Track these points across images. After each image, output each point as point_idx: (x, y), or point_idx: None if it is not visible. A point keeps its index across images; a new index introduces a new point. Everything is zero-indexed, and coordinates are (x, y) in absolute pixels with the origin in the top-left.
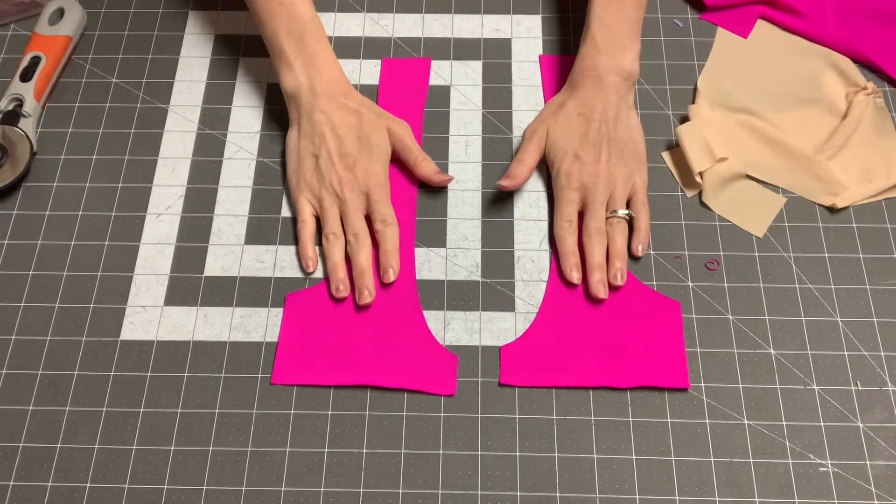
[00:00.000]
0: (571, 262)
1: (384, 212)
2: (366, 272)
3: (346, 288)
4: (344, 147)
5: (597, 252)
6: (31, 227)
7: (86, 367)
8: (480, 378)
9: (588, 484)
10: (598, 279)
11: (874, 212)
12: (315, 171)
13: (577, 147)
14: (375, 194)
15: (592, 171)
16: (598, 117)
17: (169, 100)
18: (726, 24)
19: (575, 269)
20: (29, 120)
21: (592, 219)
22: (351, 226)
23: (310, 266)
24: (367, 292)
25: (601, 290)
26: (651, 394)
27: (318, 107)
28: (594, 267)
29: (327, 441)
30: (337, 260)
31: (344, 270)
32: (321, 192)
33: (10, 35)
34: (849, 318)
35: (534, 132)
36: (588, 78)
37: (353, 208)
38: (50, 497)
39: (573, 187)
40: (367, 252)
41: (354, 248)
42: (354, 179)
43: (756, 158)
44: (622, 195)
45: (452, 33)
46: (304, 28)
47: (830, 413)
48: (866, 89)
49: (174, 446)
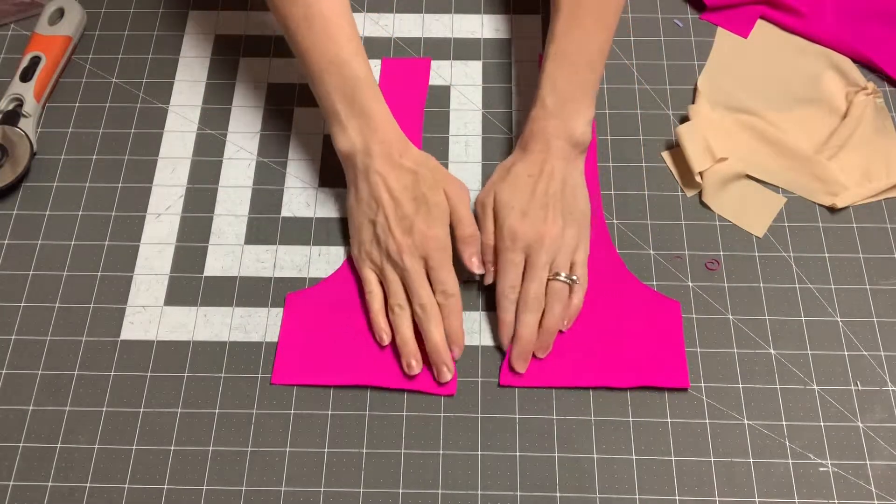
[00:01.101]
0: (509, 334)
1: (445, 280)
2: (441, 349)
3: (419, 364)
4: (401, 210)
5: (530, 322)
6: (31, 227)
7: (86, 367)
8: (480, 378)
9: (588, 484)
10: (519, 352)
11: (874, 212)
12: (373, 239)
13: (525, 204)
14: (434, 260)
15: (539, 229)
16: (546, 178)
17: (169, 100)
18: (726, 24)
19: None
20: (29, 120)
21: (532, 282)
22: (416, 296)
23: (384, 340)
24: (445, 369)
25: (520, 364)
26: (651, 394)
27: (374, 168)
28: (522, 340)
29: (327, 441)
30: (406, 335)
31: (415, 344)
32: (382, 261)
33: (10, 35)
34: (849, 318)
35: (483, 202)
36: (538, 141)
37: (416, 276)
38: (50, 497)
39: (518, 248)
40: (437, 324)
41: (423, 321)
42: (413, 244)
43: (756, 158)
44: (565, 260)
45: (452, 33)
46: (357, 86)
47: (830, 413)
48: (866, 89)
49: (174, 446)
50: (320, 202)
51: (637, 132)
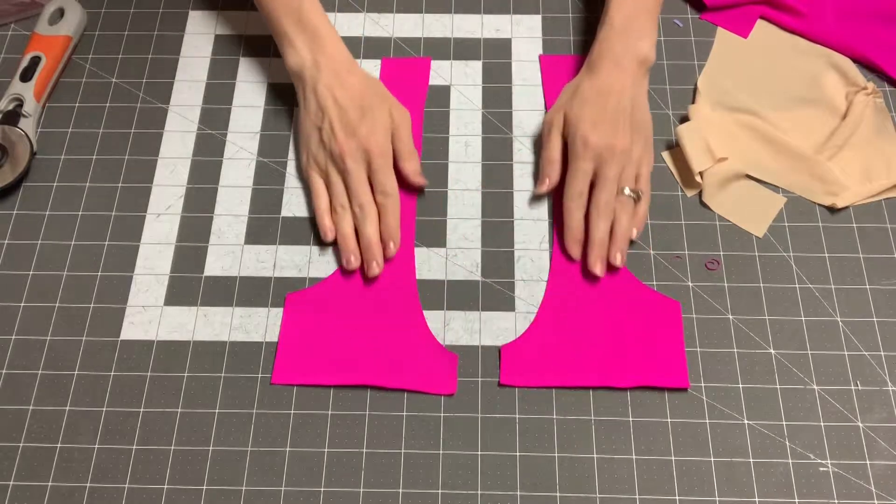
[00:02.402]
0: (576, 237)
1: (384, 182)
2: (373, 245)
3: (357, 259)
4: (345, 117)
5: (601, 227)
6: (31, 227)
7: (86, 367)
8: (480, 378)
9: (588, 484)
10: (597, 255)
11: (874, 212)
12: (319, 144)
13: (596, 117)
14: (375, 163)
15: (609, 141)
16: (616, 95)
17: (169, 100)
18: (726, 24)
19: (577, 244)
20: (29, 120)
21: (603, 191)
22: (356, 197)
23: (328, 236)
24: (375, 264)
25: (598, 266)
26: (651, 394)
27: (322, 81)
28: (596, 242)
29: (327, 441)
30: (346, 232)
31: (354, 242)
32: (326, 164)
33: (10, 35)
34: (849, 318)
35: (552, 121)
36: (605, 60)
37: (357, 179)
38: (50, 497)
39: (588, 157)
40: (373, 224)
41: (360, 220)
42: (355, 148)
43: (756, 158)
44: (632, 174)
45: (452, 33)
46: (302, 6)
47: (830, 413)
48: (866, 89)
49: (174, 446)
50: None
51: None
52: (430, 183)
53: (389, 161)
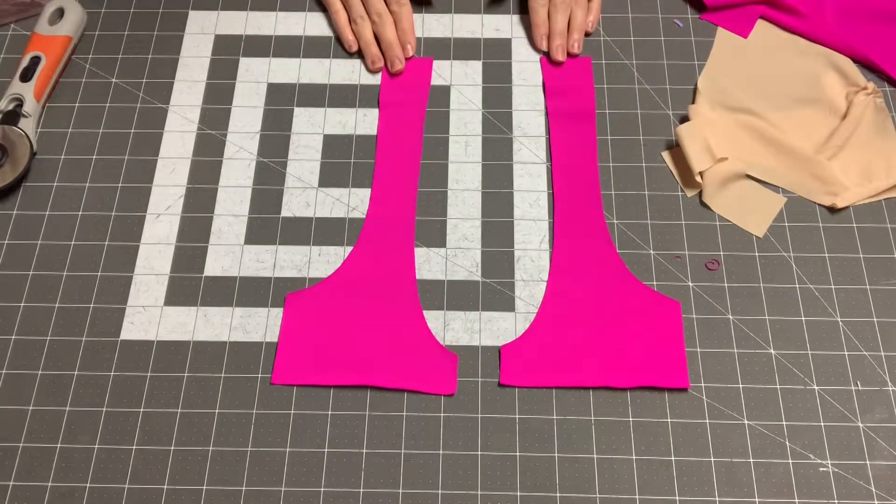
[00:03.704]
0: (542, 32)
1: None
2: (394, 44)
3: (380, 59)
4: None
5: (560, 20)
6: (31, 227)
7: (86, 367)
8: (480, 378)
9: (588, 484)
10: (558, 44)
11: (874, 212)
12: None
13: None
14: None
15: None
16: None
17: (169, 100)
18: (726, 24)
19: (543, 38)
20: (29, 120)
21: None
22: (373, 7)
23: (352, 46)
24: (397, 61)
25: (560, 53)
26: (651, 394)
27: None
28: (556, 32)
29: (327, 441)
30: (368, 38)
31: (376, 46)
32: None
33: (10, 35)
34: (849, 318)
35: None
36: None
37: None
38: (50, 497)
39: None
40: (391, 28)
41: (379, 26)
42: None
43: (756, 158)
44: None
45: (452, 33)
46: None
47: (830, 413)
48: (866, 89)
49: (174, 446)
50: (320, 202)
51: (637, 132)
52: (430, 183)
53: None
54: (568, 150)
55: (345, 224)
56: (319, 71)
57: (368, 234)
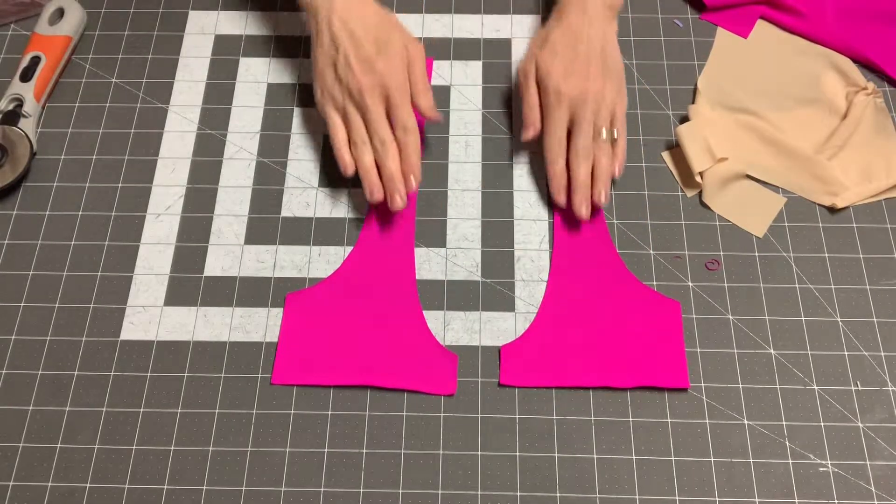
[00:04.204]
0: (560, 184)
1: (404, 118)
2: (395, 178)
3: (380, 191)
4: (361, 51)
5: (583, 170)
6: (31, 227)
7: (86, 367)
8: (480, 378)
9: (588, 484)
10: (582, 197)
11: (874, 212)
12: (336, 79)
13: (567, 65)
14: (395, 98)
15: (582, 86)
16: (585, 41)
17: (169, 100)
18: (726, 24)
19: (562, 191)
20: (29, 120)
21: (580, 136)
22: (376, 133)
23: (348, 170)
24: (398, 197)
25: (584, 208)
26: (651, 394)
27: (336, 14)
28: (580, 185)
29: (327, 441)
30: (368, 164)
31: (376, 174)
32: (344, 100)
33: (10, 35)
34: (849, 318)
35: (526, 70)
36: (573, 7)
37: (376, 114)
38: (50, 497)
39: (563, 105)
40: (394, 158)
41: (381, 154)
42: (373, 83)
43: (756, 158)
44: (607, 115)
45: (452, 33)
46: None
47: (830, 413)
48: (866, 89)
49: (174, 446)
50: (320, 202)
51: (637, 132)
52: (430, 183)
53: (408, 96)
54: None
55: (345, 224)
56: None
57: (368, 234)
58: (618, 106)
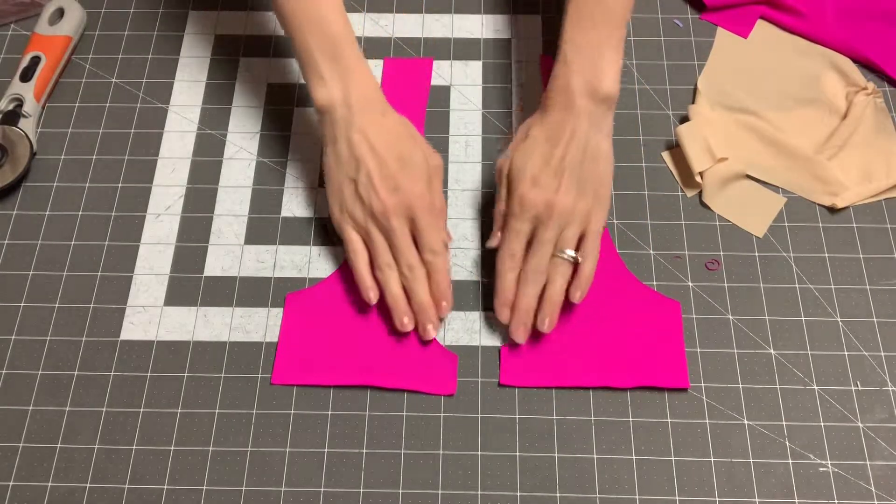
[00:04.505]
0: (505, 300)
1: (432, 241)
2: (428, 307)
3: (412, 320)
4: (385, 169)
5: (529, 293)
6: (31, 227)
7: (86, 367)
8: (480, 378)
9: (588, 484)
10: (519, 321)
11: (874, 212)
12: (356, 198)
13: (537, 172)
14: (422, 221)
15: (549, 200)
16: (565, 144)
17: (169, 100)
18: (726, 24)
19: (506, 308)
20: (29, 120)
21: (534, 256)
22: (403, 257)
23: (372, 298)
24: (430, 327)
25: (520, 333)
26: (651, 394)
27: (355, 124)
28: (520, 308)
29: (327, 441)
30: (396, 292)
31: (405, 302)
32: (366, 221)
33: (10, 35)
34: (849, 318)
35: (500, 167)
36: (559, 101)
37: (402, 237)
38: (50, 497)
39: (525, 217)
40: (424, 285)
41: (410, 281)
42: (398, 204)
43: (756, 158)
44: (574, 234)
45: (452, 33)
46: (338, 42)
47: (830, 413)
48: (866, 89)
49: (174, 446)
50: (320, 202)
51: (637, 132)
52: None
53: (434, 217)
54: None
55: None
56: None
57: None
58: (592, 222)
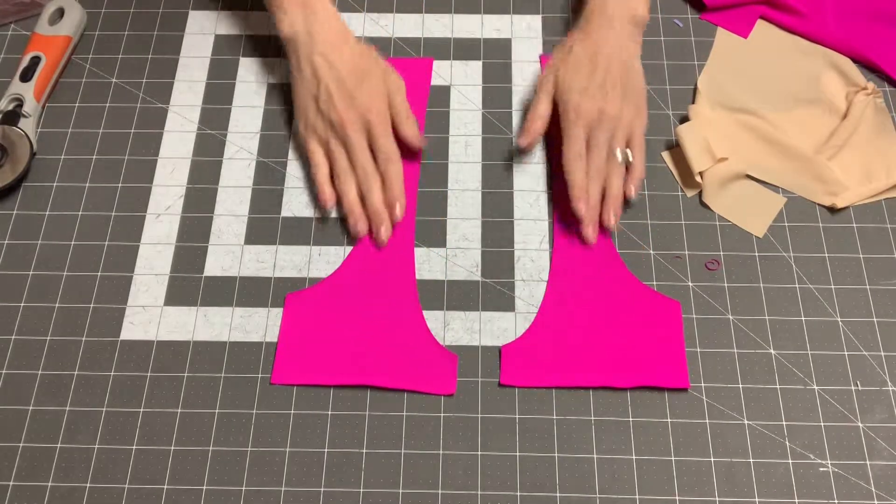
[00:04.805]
0: (580, 193)
1: (387, 147)
2: (381, 211)
3: (365, 224)
4: (343, 86)
5: (594, 191)
6: (31, 227)
7: (86, 367)
8: (480, 378)
9: (588, 484)
10: (589, 219)
11: (874, 212)
12: (317, 113)
13: (586, 84)
14: (377, 129)
15: (599, 107)
16: (605, 59)
17: (169, 100)
18: (726, 24)
19: (583, 202)
20: (29, 120)
21: (594, 157)
22: (359, 164)
23: (328, 203)
24: (383, 229)
25: (591, 230)
26: (651, 394)
27: (317, 50)
28: (590, 208)
29: (327, 441)
30: (352, 198)
31: (360, 207)
32: (326, 134)
33: (10, 35)
34: (849, 318)
35: (544, 81)
36: (596, 20)
37: (359, 147)
38: (50, 497)
39: (580, 123)
40: (378, 190)
41: (365, 186)
42: (355, 117)
43: (756, 158)
44: (623, 136)
45: (452, 33)
46: None
47: (830, 413)
48: (866, 89)
49: (174, 446)
50: None
51: None
52: (430, 183)
53: (388, 126)
54: None
55: (345, 224)
56: None
57: (368, 234)
58: (636, 127)
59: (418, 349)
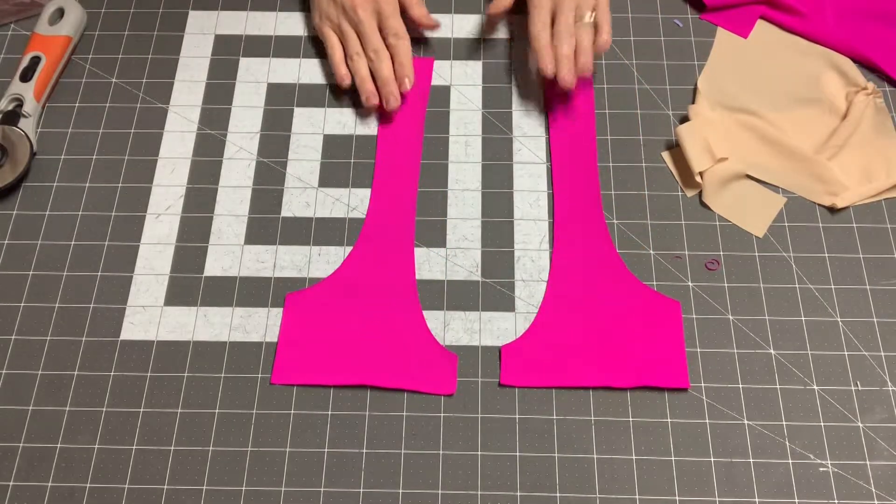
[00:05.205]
0: (547, 56)
1: (395, 26)
2: (389, 81)
3: (375, 96)
4: None
5: (565, 47)
6: (31, 227)
7: (86, 367)
8: (480, 378)
9: (588, 484)
10: (566, 68)
11: (874, 212)
12: (330, 1)
13: None
14: (385, 10)
15: None
16: None
17: (169, 100)
18: (726, 24)
19: (550, 63)
20: (29, 120)
21: (560, 22)
22: (370, 43)
23: (345, 80)
24: (392, 98)
25: (569, 78)
26: (651, 394)
27: None
28: (563, 57)
29: (327, 441)
30: (363, 74)
31: (371, 82)
32: (339, 18)
33: (10, 35)
34: (849, 318)
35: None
36: None
37: (369, 27)
38: (50, 497)
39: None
40: (387, 64)
41: (375, 62)
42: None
43: (756, 158)
44: (588, 4)
45: (452, 33)
46: None
47: (830, 413)
48: (866, 89)
49: (174, 446)
50: (320, 202)
51: (637, 132)
52: (430, 183)
53: (397, 7)
54: (568, 151)
55: (345, 224)
56: (319, 71)
57: (368, 234)
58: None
59: (418, 349)
